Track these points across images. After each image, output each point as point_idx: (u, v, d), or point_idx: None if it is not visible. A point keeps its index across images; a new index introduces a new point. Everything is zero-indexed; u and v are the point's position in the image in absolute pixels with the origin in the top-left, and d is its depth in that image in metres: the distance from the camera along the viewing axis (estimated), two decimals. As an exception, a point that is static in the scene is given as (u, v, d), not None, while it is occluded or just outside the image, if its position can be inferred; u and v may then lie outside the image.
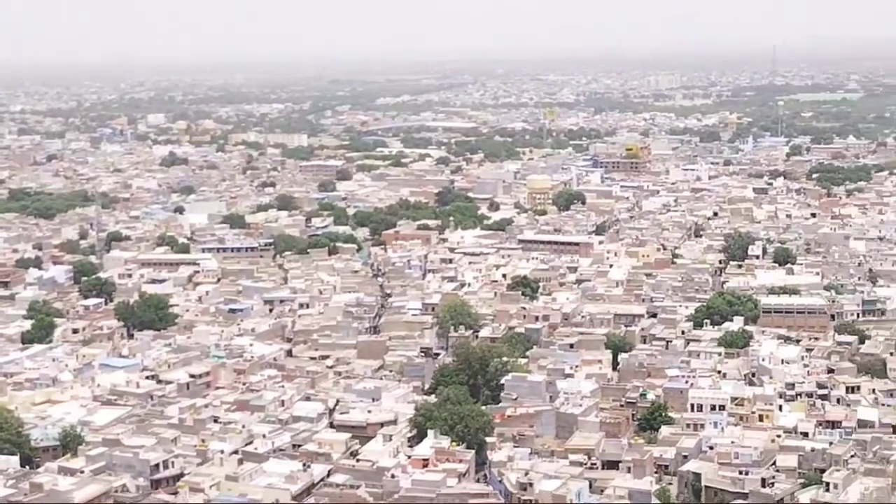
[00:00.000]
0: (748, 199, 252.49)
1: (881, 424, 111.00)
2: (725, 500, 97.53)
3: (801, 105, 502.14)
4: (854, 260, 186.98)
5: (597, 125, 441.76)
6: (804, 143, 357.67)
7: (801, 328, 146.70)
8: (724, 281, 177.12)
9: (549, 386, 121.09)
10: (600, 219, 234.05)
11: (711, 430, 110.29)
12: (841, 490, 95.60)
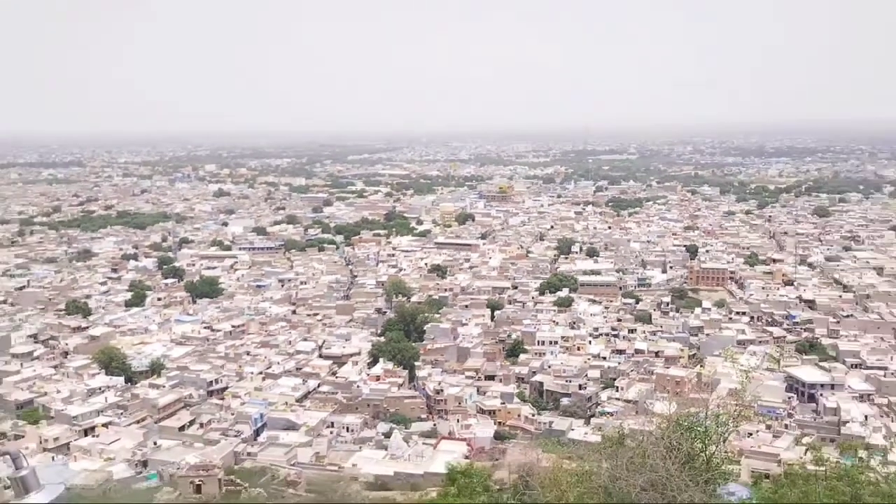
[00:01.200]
0: (571, 218, 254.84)
1: (648, 352, 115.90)
2: (558, 398, 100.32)
3: (602, 161, 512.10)
4: (633, 254, 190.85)
5: (482, 173, 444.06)
6: (604, 184, 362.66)
7: (602, 295, 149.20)
8: (557, 267, 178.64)
9: (453, 331, 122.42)
10: (484, 230, 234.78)
11: (550, 356, 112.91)
12: (625, 390, 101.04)
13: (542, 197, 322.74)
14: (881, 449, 65.53)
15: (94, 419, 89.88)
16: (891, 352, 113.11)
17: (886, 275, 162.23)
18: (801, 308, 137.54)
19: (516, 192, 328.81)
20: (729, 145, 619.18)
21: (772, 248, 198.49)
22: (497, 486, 38.12)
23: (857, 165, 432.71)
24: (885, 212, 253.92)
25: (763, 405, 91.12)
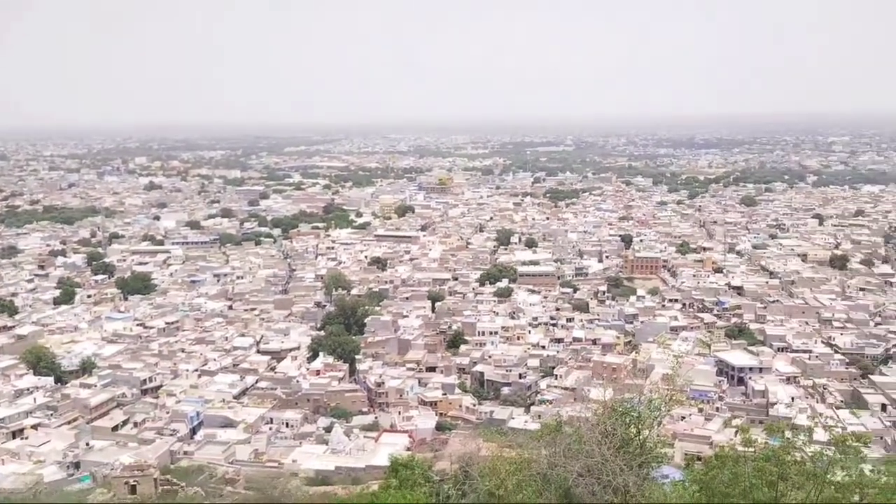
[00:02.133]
0: (510, 209, 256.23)
1: (585, 340, 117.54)
2: (498, 387, 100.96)
3: (539, 153, 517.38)
4: (570, 244, 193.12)
5: (421, 165, 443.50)
6: (541, 175, 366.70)
7: (541, 285, 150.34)
8: (496, 258, 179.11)
9: (394, 323, 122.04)
10: (424, 222, 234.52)
11: (490, 346, 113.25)
12: (564, 378, 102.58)
13: (482, 188, 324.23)
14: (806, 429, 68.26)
15: (22, 421, 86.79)
16: (815, 335, 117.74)
17: (810, 261, 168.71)
18: (730, 294, 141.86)
19: (456, 183, 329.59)
20: (661, 137, 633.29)
21: (702, 237, 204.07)
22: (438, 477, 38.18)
23: (781, 156, 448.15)
24: (809, 200, 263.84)
25: (695, 389, 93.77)
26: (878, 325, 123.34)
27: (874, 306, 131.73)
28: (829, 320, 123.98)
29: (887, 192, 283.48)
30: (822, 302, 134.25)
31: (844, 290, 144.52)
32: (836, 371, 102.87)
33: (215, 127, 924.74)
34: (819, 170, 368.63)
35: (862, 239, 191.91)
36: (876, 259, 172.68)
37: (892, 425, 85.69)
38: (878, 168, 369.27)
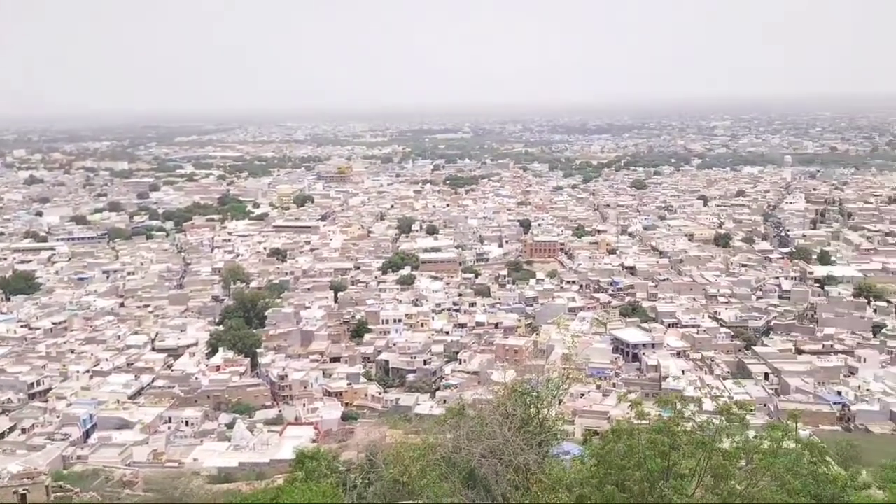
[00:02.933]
0: (410, 196, 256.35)
1: (488, 324, 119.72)
2: (403, 374, 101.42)
3: (438, 140, 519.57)
4: (471, 230, 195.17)
5: (319, 153, 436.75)
6: (441, 163, 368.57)
7: (443, 271, 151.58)
8: (398, 246, 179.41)
9: (296, 314, 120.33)
10: (324, 211, 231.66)
11: (394, 334, 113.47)
12: (468, 362, 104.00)
13: (381, 176, 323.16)
14: (696, 400, 71.87)
15: None
16: (702, 310, 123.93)
17: (696, 240, 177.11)
18: (623, 274, 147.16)
19: (355, 172, 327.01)
20: (555, 123, 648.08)
21: (596, 220, 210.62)
22: (345, 467, 38.09)
23: (668, 140, 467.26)
24: (694, 182, 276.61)
25: (593, 367, 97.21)
26: (759, 298, 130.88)
27: (755, 281, 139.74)
28: (715, 296, 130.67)
29: (765, 173, 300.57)
30: (708, 279, 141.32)
31: (728, 266, 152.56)
32: (722, 344, 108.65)
33: (100, 117, 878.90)
34: (703, 153, 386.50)
35: (743, 218, 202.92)
36: (756, 237, 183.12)
37: (774, 393, 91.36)
38: (757, 150, 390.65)
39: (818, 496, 29.67)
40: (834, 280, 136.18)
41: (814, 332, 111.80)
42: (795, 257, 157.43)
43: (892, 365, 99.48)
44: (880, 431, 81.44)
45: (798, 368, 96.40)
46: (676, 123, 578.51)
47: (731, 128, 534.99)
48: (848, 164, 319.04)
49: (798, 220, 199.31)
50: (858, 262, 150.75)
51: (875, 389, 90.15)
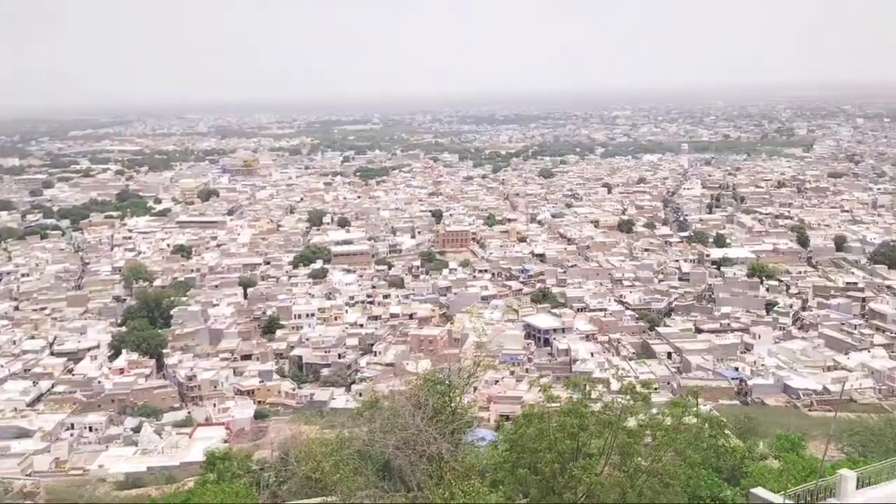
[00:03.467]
0: (320, 189, 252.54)
1: (402, 315, 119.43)
2: (318, 369, 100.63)
3: (347, 132, 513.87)
4: (383, 222, 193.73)
5: (223, 146, 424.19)
6: (350, 154, 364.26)
7: (356, 263, 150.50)
8: (309, 239, 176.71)
9: (203, 312, 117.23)
10: (230, 205, 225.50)
11: (307, 328, 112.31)
12: (383, 354, 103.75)
13: (290, 169, 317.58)
14: (604, 381, 74.09)
15: None
16: (608, 294, 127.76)
17: (601, 227, 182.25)
18: (533, 262, 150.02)
19: (262, 164, 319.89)
20: (464, 114, 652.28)
21: (507, 209, 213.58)
22: (259, 466, 37.37)
23: (573, 130, 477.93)
24: (598, 170, 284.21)
25: (506, 353, 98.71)
26: (661, 281, 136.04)
27: (657, 265, 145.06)
28: (620, 280, 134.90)
29: (664, 160, 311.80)
30: (614, 263, 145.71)
31: (632, 251, 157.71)
32: (628, 326, 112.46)
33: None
34: (606, 142, 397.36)
35: (644, 204, 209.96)
36: (657, 222, 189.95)
37: (677, 371, 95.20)
38: (656, 139, 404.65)
39: (718, 468, 31.24)
40: (729, 261, 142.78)
41: (712, 312, 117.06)
42: (693, 241, 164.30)
43: (784, 340, 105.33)
44: (775, 404, 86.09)
45: (698, 347, 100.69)
46: (580, 114, 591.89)
47: (632, 117, 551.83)
48: (740, 150, 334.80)
49: (695, 205, 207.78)
50: (751, 243, 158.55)
51: (769, 364, 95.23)
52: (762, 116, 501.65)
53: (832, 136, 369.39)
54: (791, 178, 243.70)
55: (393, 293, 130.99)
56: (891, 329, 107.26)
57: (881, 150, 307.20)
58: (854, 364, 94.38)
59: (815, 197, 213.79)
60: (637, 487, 18.33)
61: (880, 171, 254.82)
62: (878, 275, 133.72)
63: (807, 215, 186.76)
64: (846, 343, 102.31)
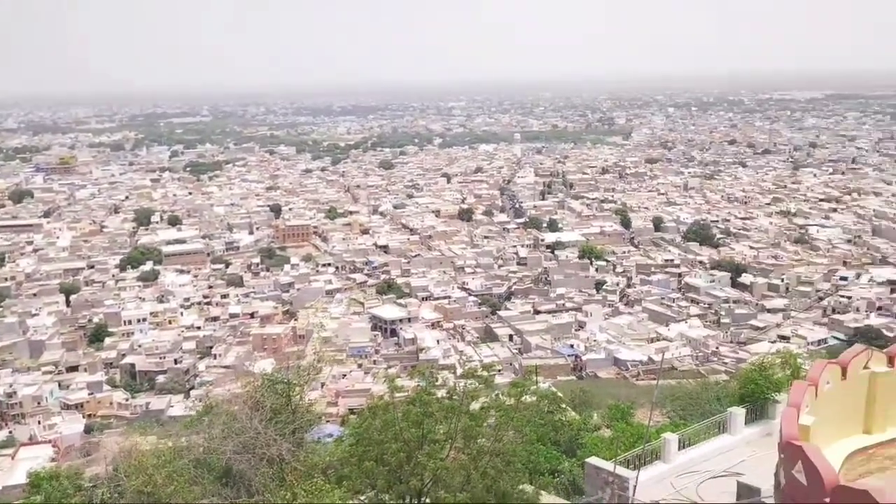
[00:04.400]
0: (147, 186, 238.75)
1: (243, 314, 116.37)
2: (153, 377, 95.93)
3: (174, 125, 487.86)
4: (218, 218, 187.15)
5: (36, 143, 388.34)
6: (179, 149, 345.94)
7: (190, 263, 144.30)
8: (137, 240, 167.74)
9: (21, 324, 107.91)
10: (47, 207, 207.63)
11: (139, 334, 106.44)
12: (223, 356, 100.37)
13: (112, 166, 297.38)
14: (450, 367, 75.67)
15: None
16: (452, 282, 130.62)
17: (443, 216, 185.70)
18: (377, 253, 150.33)
19: (81, 162, 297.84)
20: (300, 105, 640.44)
21: (348, 201, 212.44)
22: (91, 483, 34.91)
23: (411, 121, 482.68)
24: (437, 161, 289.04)
25: (353, 346, 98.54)
26: (500, 266, 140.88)
27: (496, 251, 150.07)
28: (462, 267, 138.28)
29: (499, 149, 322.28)
30: (455, 252, 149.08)
31: (472, 239, 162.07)
32: (471, 311, 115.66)
33: None
34: (443, 133, 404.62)
35: (482, 193, 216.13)
36: (495, 209, 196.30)
37: (518, 352, 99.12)
38: (490, 129, 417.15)
39: (557, 441, 32.88)
40: (562, 245, 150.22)
41: (548, 294, 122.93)
42: (529, 226, 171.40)
43: (613, 316, 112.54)
44: (606, 376, 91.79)
45: (537, 328, 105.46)
46: (417, 105, 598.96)
47: (467, 108, 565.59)
48: (567, 139, 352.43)
49: (529, 193, 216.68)
50: (581, 227, 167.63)
51: (601, 339, 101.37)
52: (586, 107, 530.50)
53: (647, 125, 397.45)
54: (613, 164, 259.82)
55: (232, 292, 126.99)
56: (703, 300, 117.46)
57: (690, 137, 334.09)
58: (674, 334, 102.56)
59: (634, 181, 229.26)
60: (481, 468, 18.84)
61: (690, 157, 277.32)
62: (691, 251, 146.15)
63: (628, 199, 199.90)
64: (666, 315, 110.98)
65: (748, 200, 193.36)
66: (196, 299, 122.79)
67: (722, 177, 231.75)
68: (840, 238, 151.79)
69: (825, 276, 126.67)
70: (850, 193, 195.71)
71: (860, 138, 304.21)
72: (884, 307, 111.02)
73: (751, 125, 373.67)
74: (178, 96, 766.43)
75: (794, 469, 11.62)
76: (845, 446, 14.40)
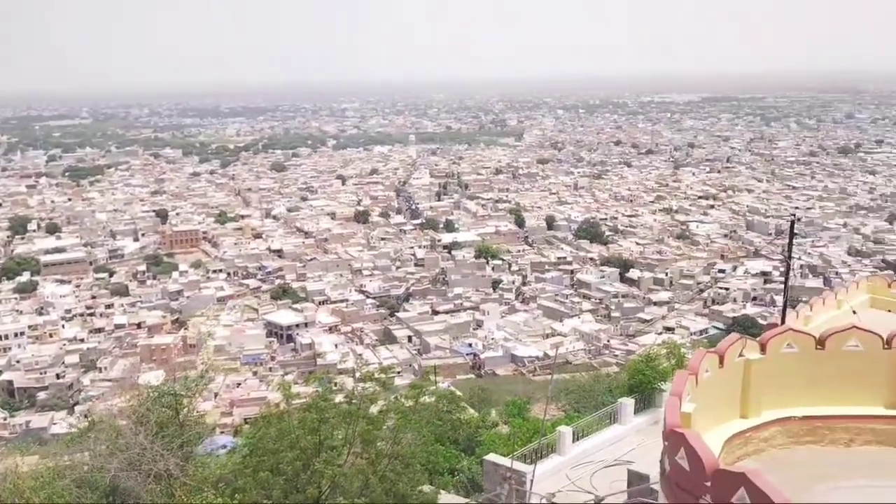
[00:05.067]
0: (22, 192, 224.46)
1: (129, 325, 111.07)
2: (33, 393, 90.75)
3: (51, 128, 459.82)
4: (100, 225, 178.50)
5: None
6: (57, 153, 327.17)
7: (71, 273, 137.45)
8: (12, 249, 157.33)
9: None
10: None
11: (17, 349, 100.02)
12: (109, 369, 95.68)
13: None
14: (349, 371, 75.06)
15: None
16: (349, 285, 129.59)
17: (338, 218, 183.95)
18: (271, 258, 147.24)
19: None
20: (186, 106, 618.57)
21: (239, 205, 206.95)
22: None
23: (303, 122, 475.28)
24: (331, 163, 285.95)
25: (248, 354, 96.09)
26: (398, 268, 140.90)
27: (394, 252, 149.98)
28: (360, 270, 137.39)
29: (394, 151, 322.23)
30: (352, 254, 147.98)
31: (369, 241, 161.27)
32: (370, 314, 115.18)
33: None
34: (337, 134, 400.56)
35: (378, 194, 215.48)
36: (391, 211, 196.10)
37: (417, 353, 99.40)
38: (385, 131, 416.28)
39: (456, 440, 33.15)
40: (458, 245, 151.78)
41: (446, 294, 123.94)
42: (426, 227, 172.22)
43: (510, 314, 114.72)
44: (504, 373, 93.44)
45: (435, 328, 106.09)
46: (309, 106, 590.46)
47: (360, 110, 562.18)
48: (461, 140, 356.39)
49: (425, 194, 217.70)
50: (476, 227, 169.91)
51: (498, 337, 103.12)
52: (479, 109, 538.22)
53: (538, 127, 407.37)
54: (507, 165, 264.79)
55: (117, 302, 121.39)
56: (595, 296, 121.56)
57: (579, 139, 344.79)
58: (568, 330, 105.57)
59: (527, 182, 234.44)
60: (379, 472, 18.76)
61: (579, 157, 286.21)
62: (582, 249, 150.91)
63: (522, 199, 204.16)
64: (560, 311, 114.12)
65: (634, 199, 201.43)
66: (78, 310, 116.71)
67: (609, 176, 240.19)
68: (717, 233, 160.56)
69: (705, 270, 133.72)
70: (725, 191, 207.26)
71: (733, 139, 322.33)
72: (758, 297, 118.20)
73: (634, 127, 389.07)
74: (55, 98, 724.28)
75: (677, 455, 12.14)
76: (724, 431, 15.18)
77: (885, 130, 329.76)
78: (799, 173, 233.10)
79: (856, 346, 16.52)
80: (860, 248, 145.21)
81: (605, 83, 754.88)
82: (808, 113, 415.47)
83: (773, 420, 15.89)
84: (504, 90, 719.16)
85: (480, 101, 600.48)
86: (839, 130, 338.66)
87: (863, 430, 16.01)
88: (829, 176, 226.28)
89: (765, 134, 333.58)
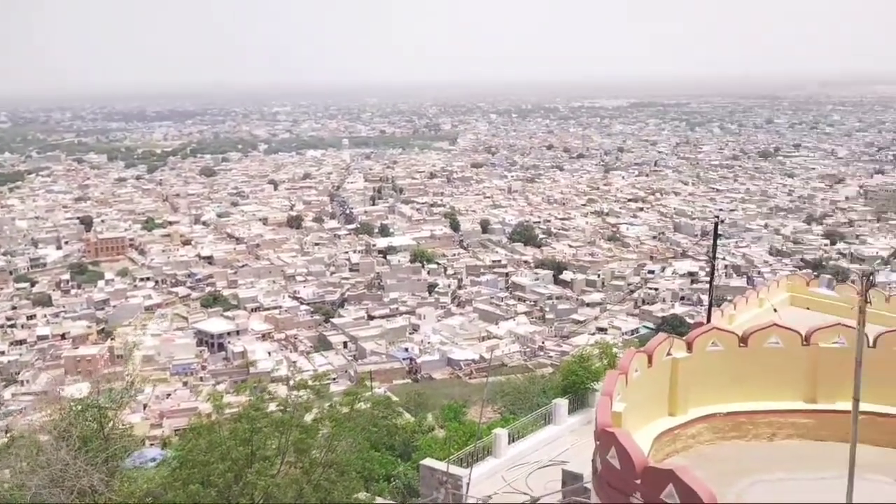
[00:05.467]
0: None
1: (53, 336, 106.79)
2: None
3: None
4: (20, 233, 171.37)
5: None
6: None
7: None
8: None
9: None
10: None
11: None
12: (32, 383, 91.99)
13: None
14: (284, 379, 73.86)
15: None
16: (282, 291, 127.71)
17: (271, 224, 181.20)
18: (201, 265, 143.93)
19: None
20: (111, 110, 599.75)
21: (167, 211, 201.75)
22: None
23: (233, 126, 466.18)
24: (263, 167, 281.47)
25: (178, 364, 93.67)
26: (333, 273, 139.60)
27: (328, 258, 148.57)
28: (293, 276, 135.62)
29: (327, 155, 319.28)
30: (285, 260, 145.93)
31: (303, 246, 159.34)
32: (304, 321, 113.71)
33: None
34: (268, 138, 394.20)
35: (311, 199, 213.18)
36: (325, 216, 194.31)
37: (353, 359, 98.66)
38: (318, 135, 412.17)
39: (392, 445, 33.03)
40: (394, 249, 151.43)
41: (382, 299, 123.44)
42: (361, 232, 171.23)
43: (446, 318, 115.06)
44: (441, 377, 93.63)
45: (371, 333, 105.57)
46: (240, 110, 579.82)
47: (293, 113, 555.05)
48: (395, 145, 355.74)
49: (360, 198, 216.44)
50: (412, 231, 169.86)
51: (434, 341, 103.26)
52: (412, 113, 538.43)
53: (472, 131, 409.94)
54: (441, 169, 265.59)
55: (39, 312, 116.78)
56: (529, 298, 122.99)
57: (512, 143, 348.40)
58: (503, 332, 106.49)
59: (461, 185, 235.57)
60: (314, 481, 18.51)
61: (512, 161, 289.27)
62: (517, 252, 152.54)
63: (456, 202, 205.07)
64: (496, 314, 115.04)
65: (566, 202, 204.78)
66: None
67: (542, 180, 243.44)
68: (647, 235, 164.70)
69: (635, 271, 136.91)
70: (653, 194, 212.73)
71: (660, 143, 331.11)
72: (686, 297, 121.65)
73: (566, 131, 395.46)
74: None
75: (608, 454, 12.37)
76: (653, 429, 15.57)
77: (801, 135, 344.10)
78: (722, 176, 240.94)
79: (776, 343, 17.19)
80: (780, 248, 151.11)
81: (536, 88, 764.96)
82: (731, 118, 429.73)
83: (699, 417, 16.39)
84: (437, 94, 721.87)
85: (414, 105, 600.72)
86: (759, 135, 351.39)
87: (784, 425, 16.66)
88: (751, 179, 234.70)
89: (690, 138, 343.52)
